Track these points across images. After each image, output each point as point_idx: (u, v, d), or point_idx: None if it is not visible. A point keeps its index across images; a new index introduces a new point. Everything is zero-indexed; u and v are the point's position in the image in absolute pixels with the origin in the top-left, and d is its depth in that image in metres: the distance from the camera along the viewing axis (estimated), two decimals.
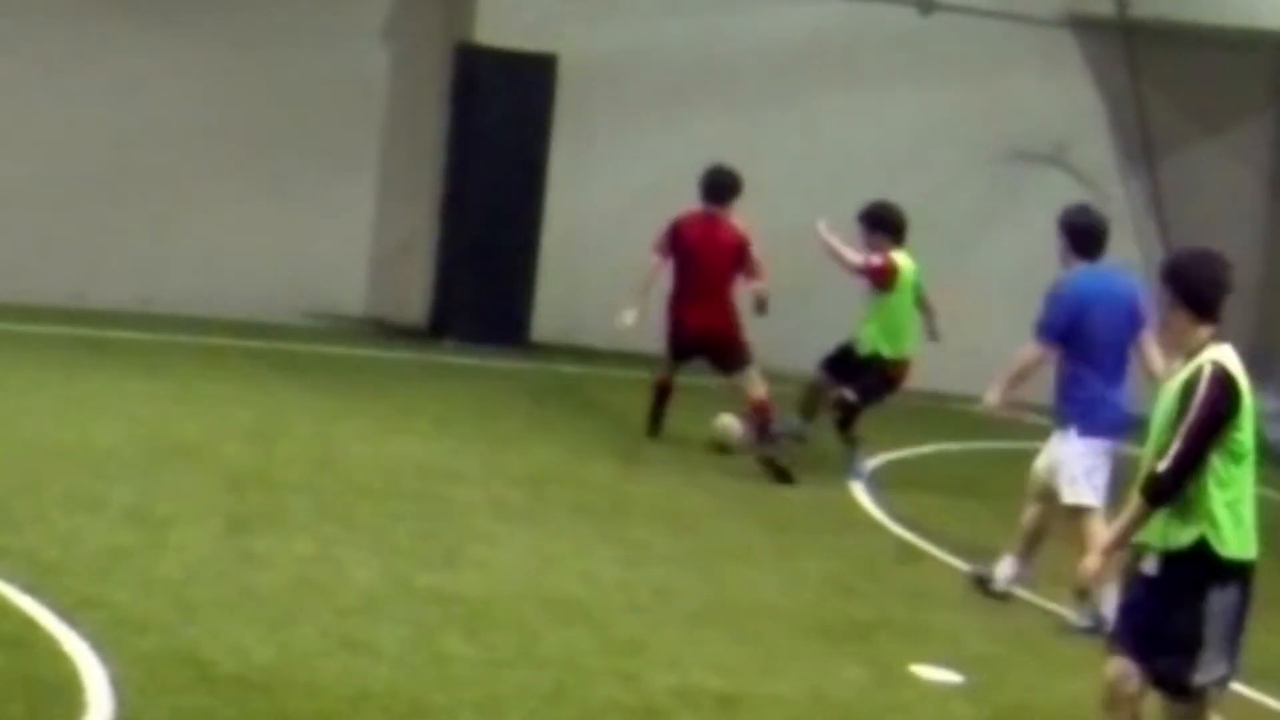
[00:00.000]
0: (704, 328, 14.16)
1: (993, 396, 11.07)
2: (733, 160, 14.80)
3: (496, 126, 18.44)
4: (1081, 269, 10.87)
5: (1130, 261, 20.59)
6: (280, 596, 9.29)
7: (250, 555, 9.96)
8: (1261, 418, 21.43)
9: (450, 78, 18.85)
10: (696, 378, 14.97)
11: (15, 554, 9.42)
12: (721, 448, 14.18)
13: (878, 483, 13.89)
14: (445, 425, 14.31)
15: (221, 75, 18.40)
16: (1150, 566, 7.26)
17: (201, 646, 8.31)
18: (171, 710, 7.56)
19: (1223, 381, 7.18)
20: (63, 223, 17.99)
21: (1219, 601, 7.16)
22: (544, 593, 10.03)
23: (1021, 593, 11.22)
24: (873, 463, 14.35)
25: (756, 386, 14.22)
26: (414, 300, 19.10)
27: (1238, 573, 7.19)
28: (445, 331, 18.64)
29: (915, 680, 9.36)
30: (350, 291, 19.03)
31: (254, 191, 18.50)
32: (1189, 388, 7.18)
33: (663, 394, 14.51)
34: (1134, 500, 7.26)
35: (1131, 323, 10.87)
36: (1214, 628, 7.16)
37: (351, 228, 18.99)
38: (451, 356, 17.83)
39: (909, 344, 13.99)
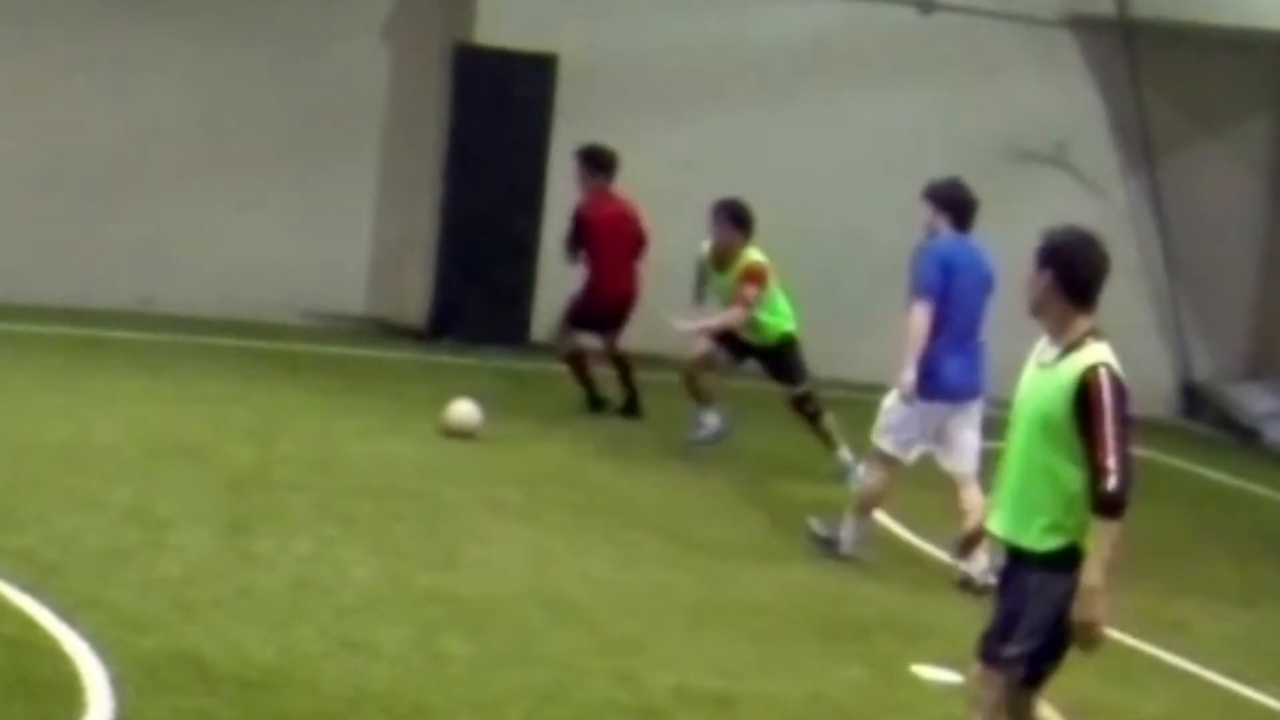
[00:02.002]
0: (623, 298, 15.28)
1: (907, 376, 11.15)
2: (733, 160, 14.82)
3: (496, 126, 18.45)
4: (951, 237, 11.31)
5: (1127, 262, 20.68)
6: (280, 596, 9.29)
7: (250, 555, 9.97)
8: (1262, 418, 21.32)
9: (450, 78, 18.85)
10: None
11: (15, 554, 9.42)
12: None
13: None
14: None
15: (221, 75, 18.40)
16: (1002, 559, 7.17)
17: (201, 646, 8.32)
18: (171, 710, 7.57)
19: (1119, 386, 6.90)
20: (63, 223, 17.99)
21: (1053, 589, 6.97)
22: (543, 592, 10.04)
23: None
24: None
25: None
26: (414, 300, 19.09)
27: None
28: (445, 331, 18.64)
29: (915, 680, 9.37)
30: (350, 291, 19.03)
31: (254, 191, 18.50)
32: (1083, 393, 6.85)
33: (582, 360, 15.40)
34: (1101, 526, 6.94)
35: (985, 296, 11.37)
36: (1061, 617, 6.98)
37: (351, 228, 18.99)
38: (451, 356, 17.83)
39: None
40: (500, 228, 18.46)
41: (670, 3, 19.35)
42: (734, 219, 14.06)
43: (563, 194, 18.58)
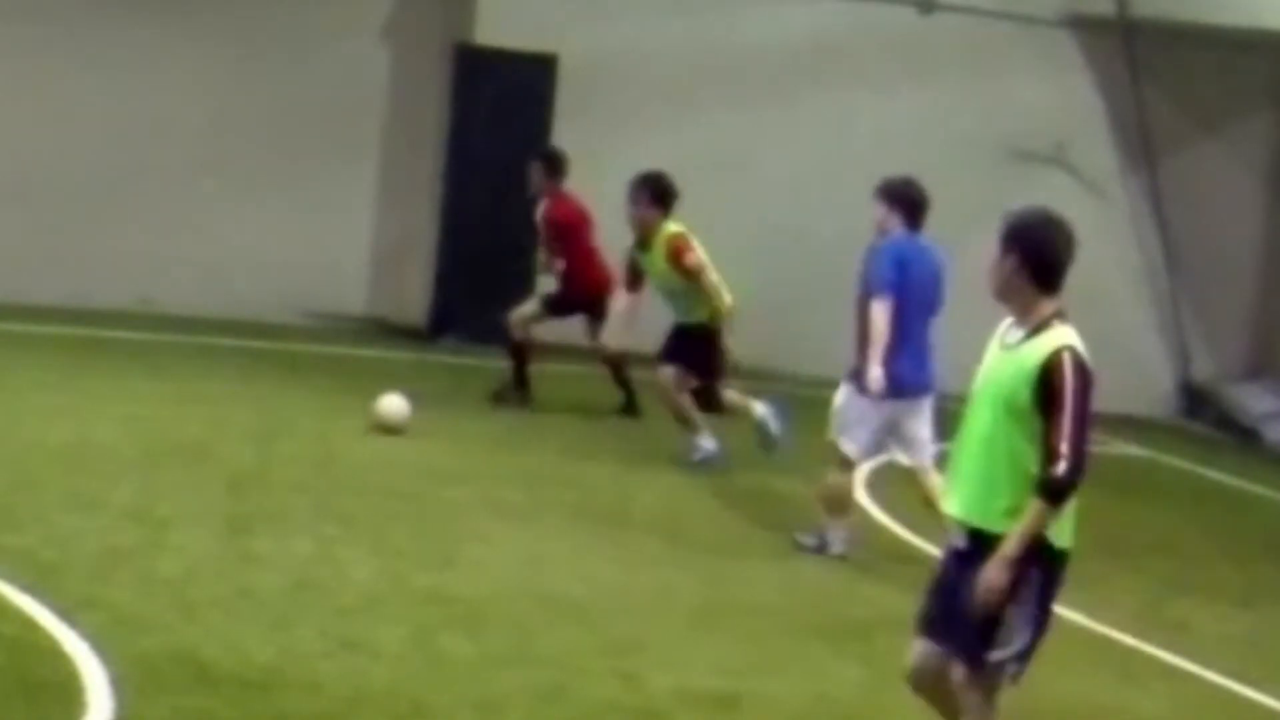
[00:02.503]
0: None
1: (877, 371, 11.17)
2: (733, 160, 14.82)
3: (496, 126, 18.44)
4: (903, 235, 11.37)
5: (1127, 262, 20.68)
6: (280, 596, 9.29)
7: (250, 555, 9.96)
8: (1262, 418, 21.30)
9: (450, 78, 18.85)
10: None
11: (15, 554, 9.42)
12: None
13: (878, 482, 13.88)
14: (444, 425, 14.31)
15: (221, 75, 18.41)
16: (960, 541, 7.02)
17: (201, 646, 8.32)
18: (171, 710, 7.56)
19: (1083, 368, 6.79)
20: (63, 223, 17.99)
21: (1026, 582, 6.86)
22: (542, 592, 10.03)
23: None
24: (873, 463, 14.32)
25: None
26: (414, 300, 19.10)
27: (1052, 559, 6.92)
28: (445, 331, 18.65)
29: None
30: (350, 291, 19.03)
31: (254, 191, 18.50)
32: (1047, 376, 6.75)
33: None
34: (1035, 505, 6.76)
35: (936, 294, 11.45)
36: (1017, 605, 6.86)
37: (351, 228, 18.99)
38: (451, 356, 17.83)
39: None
40: (500, 228, 18.45)
41: (670, 3, 19.35)
42: (654, 195, 13.86)
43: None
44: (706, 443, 13.88)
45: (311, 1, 18.79)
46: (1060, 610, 10.79)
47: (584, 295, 15.34)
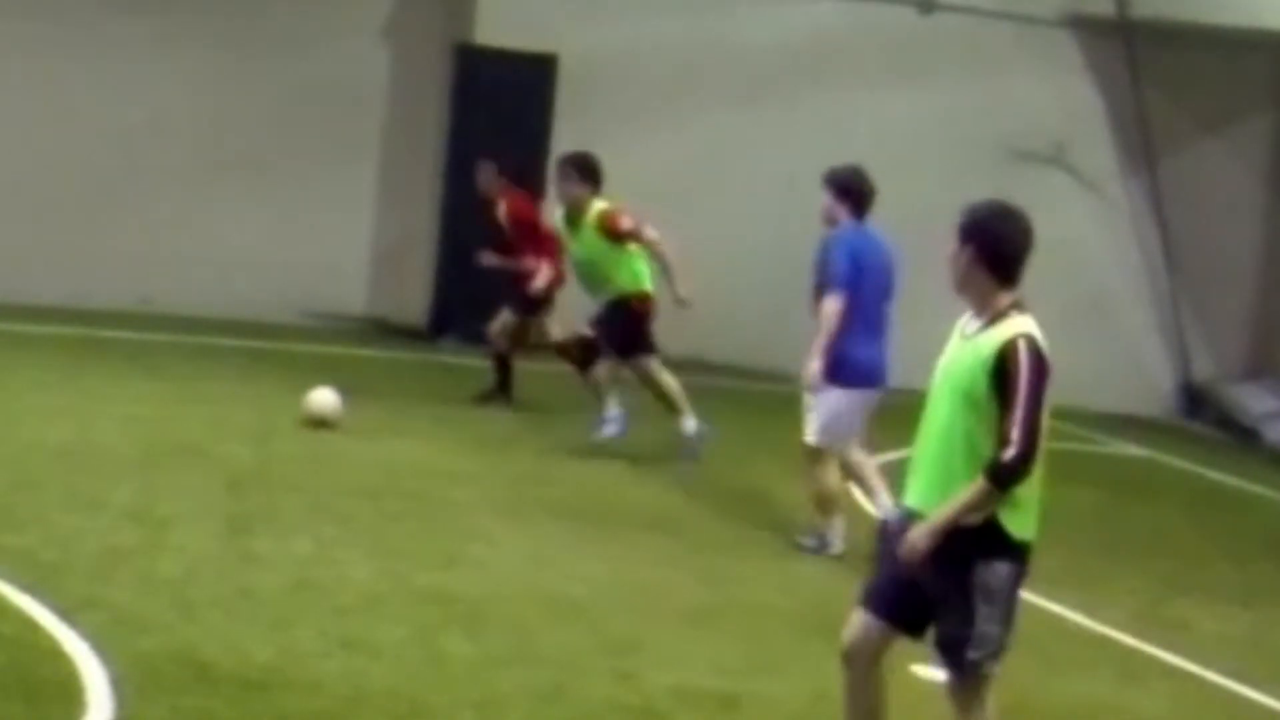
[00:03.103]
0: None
1: (815, 367, 11.19)
2: (732, 160, 14.80)
3: (496, 126, 18.44)
4: (851, 225, 11.41)
5: (1127, 262, 20.69)
6: (279, 596, 9.29)
7: (250, 555, 9.96)
8: (1262, 418, 21.27)
9: (450, 78, 18.85)
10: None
11: (15, 554, 9.41)
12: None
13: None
14: (445, 425, 14.32)
15: (221, 75, 18.42)
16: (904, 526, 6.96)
17: (201, 646, 8.31)
18: (171, 710, 7.56)
19: (1039, 356, 6.75)
20: (63, 223, 18.00)
21: (995, 578, 6.82)
22: (542, 592, 10.03)
23: (1021, 593, 11.21)
24: (873, 463, 14.32)
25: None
26: (414, 300, 19.10)
27: (1016, 552, 6.87)
28: (445, 331, 18.65)
29: (915, 680, 9.36)
30: (350, 291, 19.04)
31: (254, 191, 18.51)
32: (1002, 363, 6.71)
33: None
34: (979, 484, 6.72)
35: (889, 281, 11.50)
36: (989, 603, 6.84)
37: (351, 228, 19.00)
38: (451, 356, 17.83)
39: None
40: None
41: (669, 3, 19.36)
42: (582, 171, 13.94)
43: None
44: (689, 422, 13.90)
45: (312, 1, 18.80)
46: (1060, 610, 10.83)
47: (551, 289, 15.30)
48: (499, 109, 18.47)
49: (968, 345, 6.92)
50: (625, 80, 18.89)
